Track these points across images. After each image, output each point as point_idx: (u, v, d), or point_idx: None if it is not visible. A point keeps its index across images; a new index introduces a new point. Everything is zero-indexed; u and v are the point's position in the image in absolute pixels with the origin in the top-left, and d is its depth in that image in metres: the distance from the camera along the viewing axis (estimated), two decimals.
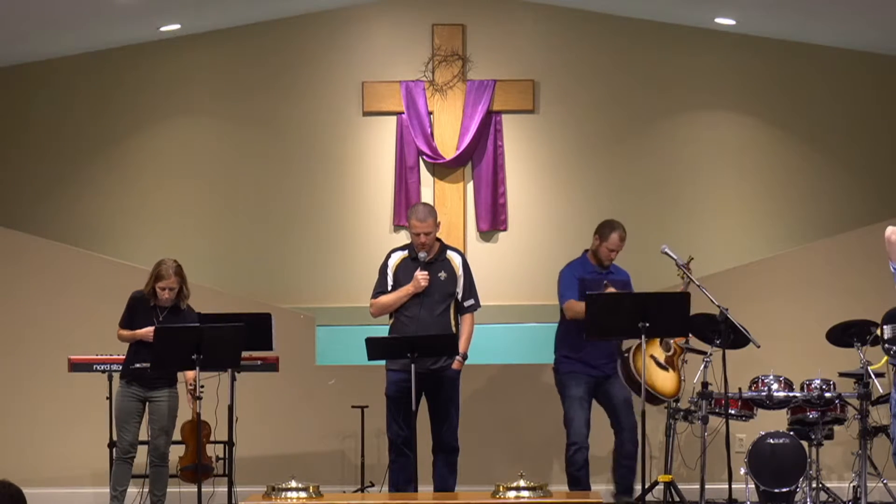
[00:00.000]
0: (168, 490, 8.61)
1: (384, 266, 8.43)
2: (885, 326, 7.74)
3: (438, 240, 8.43)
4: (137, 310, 8.32)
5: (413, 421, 8.09)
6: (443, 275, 8.31)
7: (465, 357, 8.33)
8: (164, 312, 8.33)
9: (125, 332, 8.35)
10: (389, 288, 8.33)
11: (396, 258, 8.42)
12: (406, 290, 8.25)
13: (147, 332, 8.20)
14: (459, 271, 8.37)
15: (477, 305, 8.44)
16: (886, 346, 7.66)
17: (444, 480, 8.32)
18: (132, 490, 8.62)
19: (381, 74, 11.29)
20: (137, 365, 8.23)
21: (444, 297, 8.30)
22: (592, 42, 11.31)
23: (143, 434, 8.43)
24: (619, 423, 8.56)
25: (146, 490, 8.52)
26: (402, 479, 8.21)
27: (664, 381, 8.33)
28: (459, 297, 8.37)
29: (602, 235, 8.56)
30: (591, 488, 8.46)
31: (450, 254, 8.44)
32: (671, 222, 11.18)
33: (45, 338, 9.84)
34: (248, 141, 11.35)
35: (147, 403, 8.32)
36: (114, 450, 8.47)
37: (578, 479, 8.48)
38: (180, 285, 8.31)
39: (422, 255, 8.29)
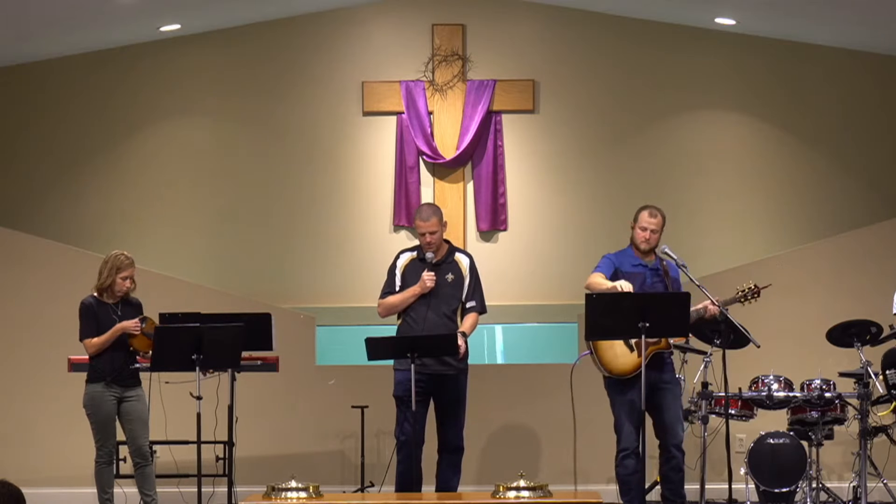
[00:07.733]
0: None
1: (392, 266, 8.39)
2: (888, 371, 7.71)
3: (447, 241, 8.40)
4: (97, 315, 8.24)
5: (423, 422, 8.10)
6: (450, 276, 8.28)
7: (464, 335, 8.15)
8: (119, 307, 8.28)
9: (99, 339, 8.17)
10: (397, 289, 8.29)
11: (405, 259, 8.38)
12: (413, 290, 8.20)
13: (125, 325, 8.15)
14: (467, 273, 8.35)
15: (478, 308, 8.32)
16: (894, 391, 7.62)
17: (448, 480, 8.30)
18: (118, 491, 8.58)
19: (381, 74, 11.28)
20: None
21: (452, 298, 8.25)
22: (592, 42, 11.31)
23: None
24: (664, 440, 8.06)
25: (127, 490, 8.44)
26: (410, 480, 8.17)
27: (623, 363, 7.95)
28: (463, 297, 8.32)
29: (634, 217, 8.20)
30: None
31: (458, 255, 8.40)
32: (671, 222, 11.12)
33: (45, 338, 9.85)
34: (247, 141, 11.35)
35: (121, 403, 8.24)
36: (97, 455, 8.26)
37: (628, 484, 7.96)
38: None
39: (429, 255, 8.25)
